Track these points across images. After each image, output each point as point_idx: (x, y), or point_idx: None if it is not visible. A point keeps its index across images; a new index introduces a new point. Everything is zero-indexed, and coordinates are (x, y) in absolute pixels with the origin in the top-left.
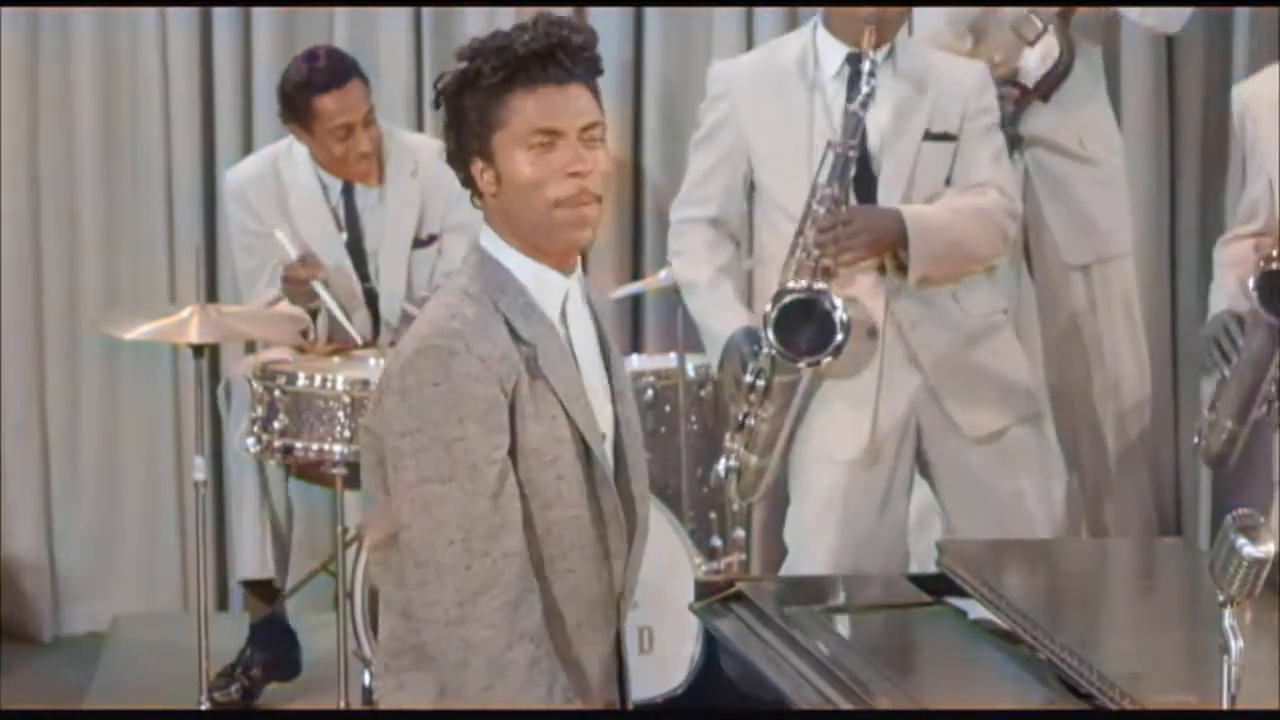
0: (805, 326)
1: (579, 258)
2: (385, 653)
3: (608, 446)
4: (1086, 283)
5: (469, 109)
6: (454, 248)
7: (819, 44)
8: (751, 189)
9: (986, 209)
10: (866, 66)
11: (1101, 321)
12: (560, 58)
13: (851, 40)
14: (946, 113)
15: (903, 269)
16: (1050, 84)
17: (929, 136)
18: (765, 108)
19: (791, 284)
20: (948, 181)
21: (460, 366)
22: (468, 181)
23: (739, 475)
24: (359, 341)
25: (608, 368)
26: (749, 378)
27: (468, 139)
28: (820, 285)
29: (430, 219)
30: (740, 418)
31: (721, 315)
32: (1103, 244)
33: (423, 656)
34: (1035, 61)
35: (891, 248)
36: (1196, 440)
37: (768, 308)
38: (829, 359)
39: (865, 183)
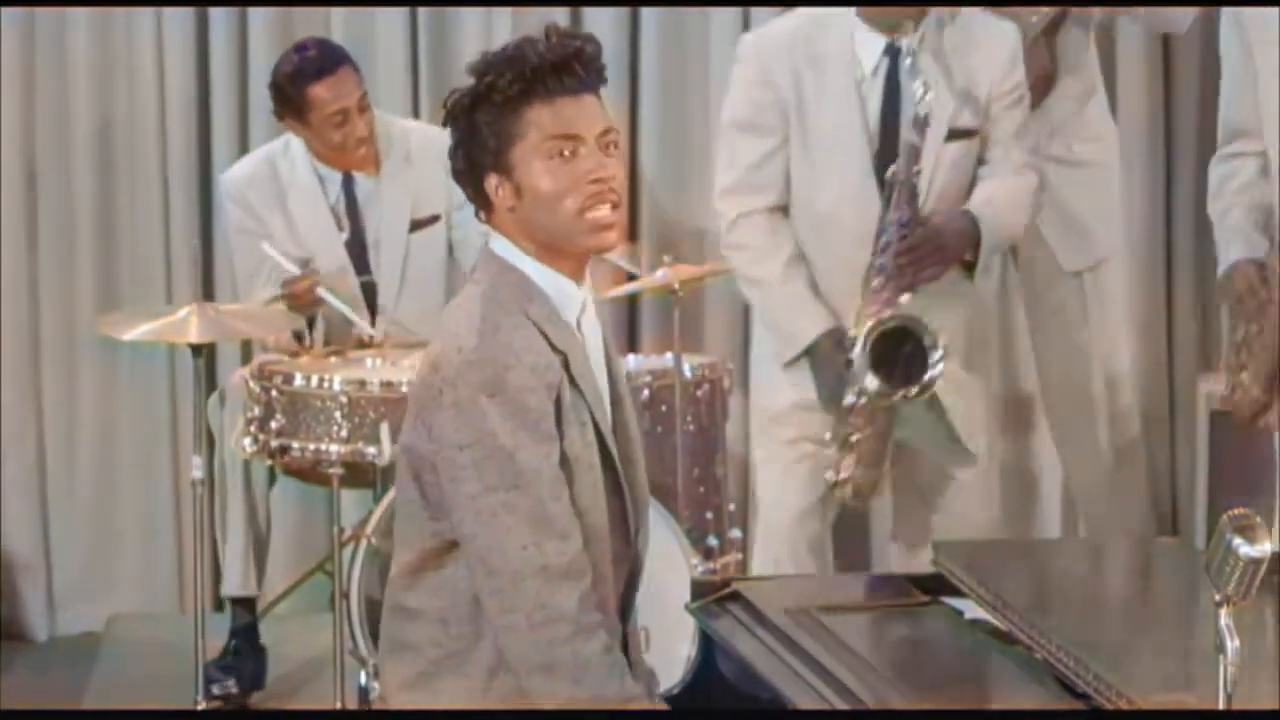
0: (897, 352)
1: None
2: (421, 659)
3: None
4: (1080, 286)
5: (482, 124)
6: (469, 224)
7: (854, 33)
8: None
9: (1029, 192)
10: (920, 92)
11: (1095, 324)
12: (575, 68)
13: (888, 31)
14: (973, 100)
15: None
16: (1035, 97)
17: (951, 135)
18: (809, 100)
19: (874, 312)
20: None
21: (514, 378)
22: (478, 198)
23: (850, 486)
24: (369, 335)
25: (609, 373)
26: (850, 399)
27: (481, 154)
28: (913, 315)
29: (429, 199)
30: (846, 437)
31: (798, 314)
32: (1097, 248)
33: (461, 660)
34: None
35: (964, 252)
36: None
37: (859, 345)
38: (923, 390)
39: (879, 173)
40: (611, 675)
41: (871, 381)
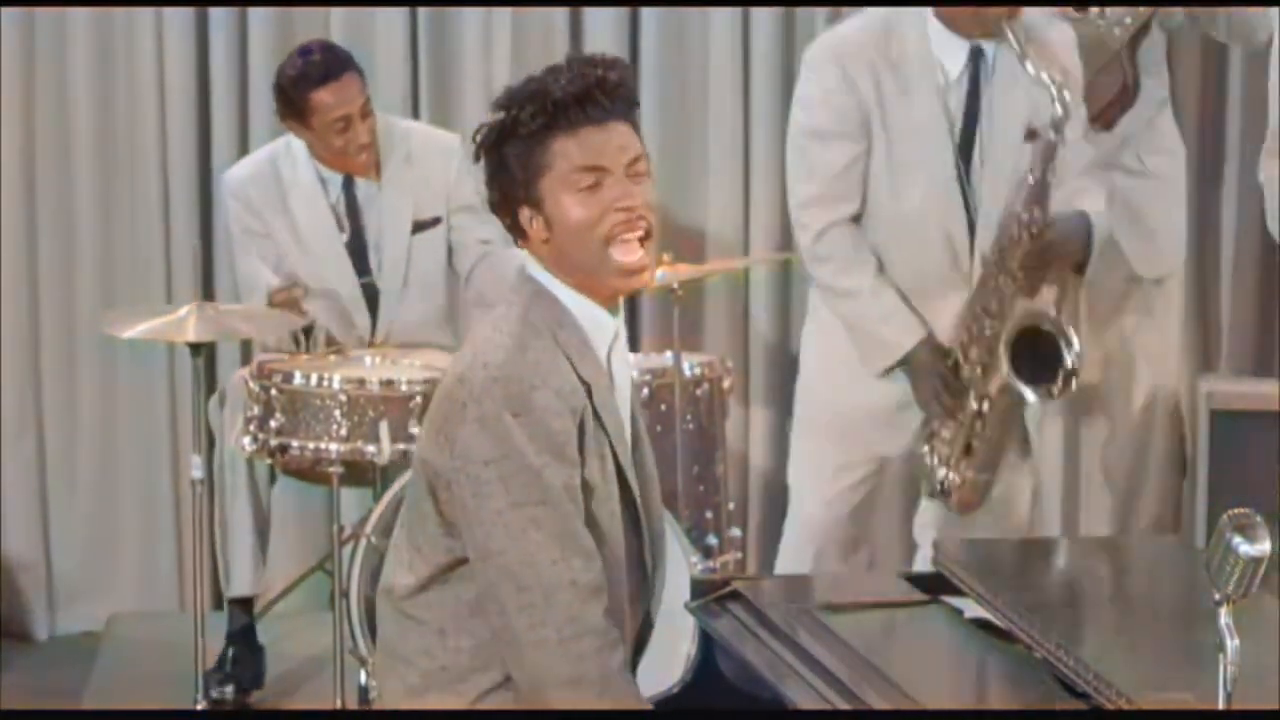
0: (1021, 352)
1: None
2: (413, 672)
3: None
4: (1147, 294)
5: (510, 158)
6: (467, 228)
7: (932, 36)
8: None
9: (1104, 199)
10: (1059, 112)
11: (1157, 330)
12: (597, 97)
13: (977, 33)
14: (1050, 102)
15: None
16: (1113, 113)
17: (1030, 136)
18: (892, 107)
19: (989, 314)
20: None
21: (540, 399)
22: (514, 229)
23: (964, 490)
24: (353, 337)
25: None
26: (974, 405)
27: (512, 188)
28: (1052, 313)
29: (429, 201)
30: (968, 441)
31: (891, 323)
32: (1171, 257)
33: (454, 679)
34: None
35: (1078, 254)
36: None
37: (999, 348)
38: (1066, 388)
39: (963, 175)
40: (630, 688)
41: (1019, 384)
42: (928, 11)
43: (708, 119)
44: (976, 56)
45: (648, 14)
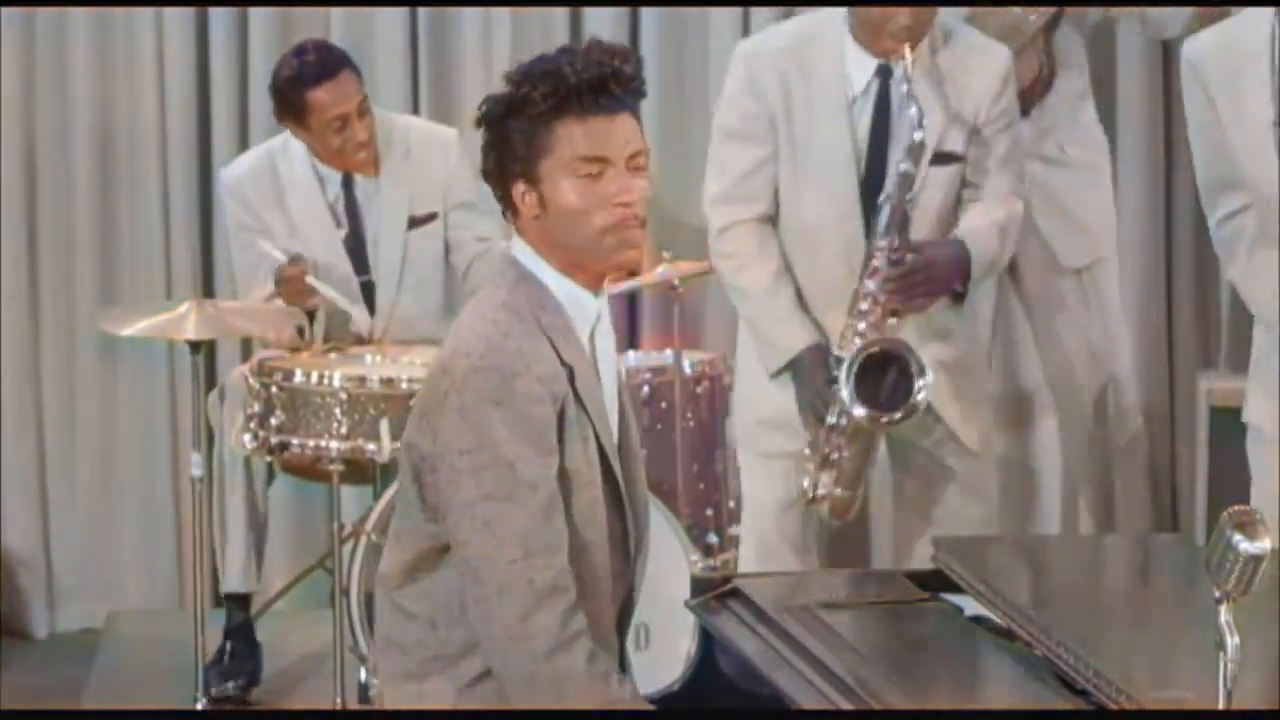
0: (880, 376)
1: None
2: (410, 660)
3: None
4: (1079, 285)
5: (514, 133)
6: (465, 225)
7: (846, 51)
8: None
9: (1016, 221)
10: (916, 118)
11: (1096, 322)
12: (611, 88)
13: (880, 52)
14: (963, 123)
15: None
16: (1030, 98)
17: (936, 159)
18: (798, 115)
19: (859, 334)
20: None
21: (522, 387)
22: (505, 200)
23: (829, 502)
24: (364, 321)
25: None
26: (832, 419)
27: (511, 162)
28: (900, 339)
29: (426, 197)
30: (826, 454)
31: (783, 326)
32: (1095, 246)
33: (447, 664)
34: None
35: (955, 282)
36: None
37: (844, 369)
38: (906, 416)
39: (866, 190)
40: (594, 684)
41: (856, 406)
42: (845, 20)
43: (707, 117)
44: (884, 74)
45: (648, 13)
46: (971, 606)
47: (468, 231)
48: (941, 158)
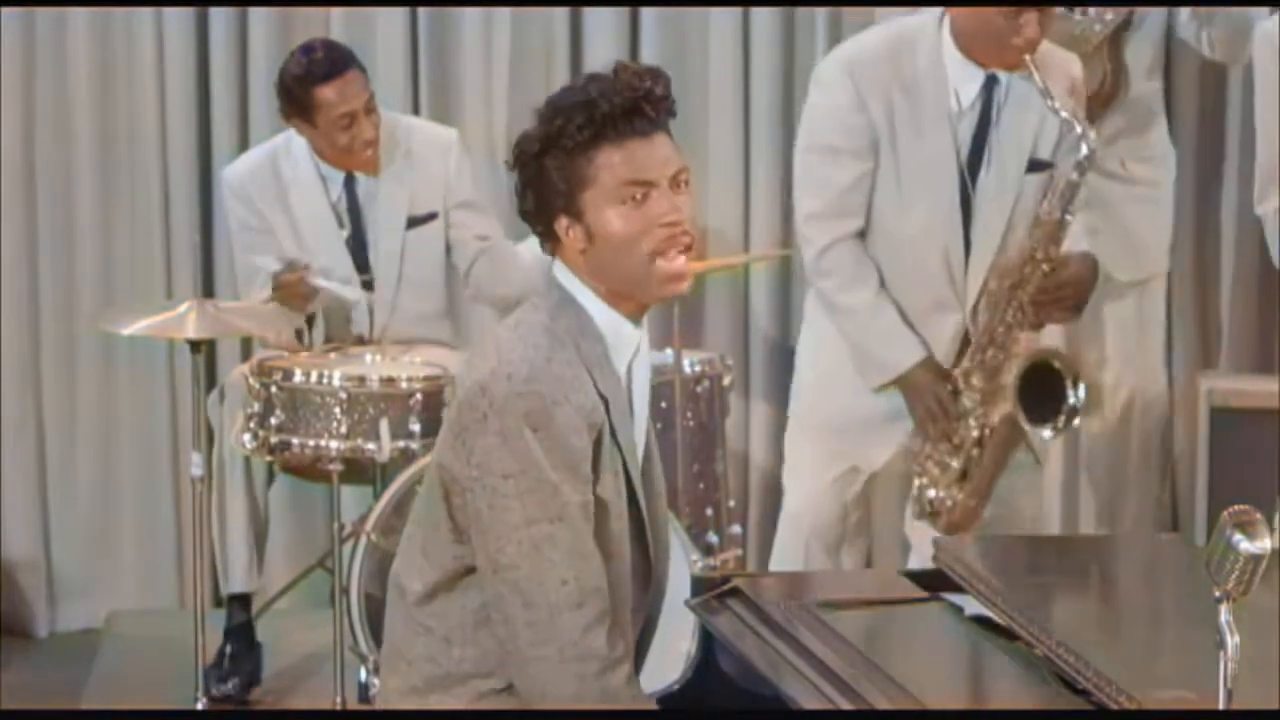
0: (1030, 387)
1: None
2: (416, 675)
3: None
4: (1133, 299)
5: (551, 170)
6: (465, 224)
7: (947, 62)
8: None
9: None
10: (1084, 152)
11: (1142, 336)
12: (644, 110)
13: (1000, 64)
14: (1051, 134)
15: None
16: (1092, 108)
17: (1030, 167)
18: (902, 128)
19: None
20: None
21: (561, 416)
22: (547, 236)
23: (955, 514)
24: (356, 298)
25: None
26: (975, 431)
27: (551, 198)
28: (1058, 349)
29: (426, 197)
30: (963, 468)
31: (891, 343)
32: (1147, 263)
33: (454, 683)
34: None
35: (1089, 296)
36: None
37: (1010, 382)
38: (1068, 425)
39: (966, 199)
40: (635, 704)
41: (1023, 420)
42: (940, 29)
43: (708, 117)
44: (991, 85)
45: (648, 14)
46: (971, 606)
47: (468, 231)
48: (1035, 165)
